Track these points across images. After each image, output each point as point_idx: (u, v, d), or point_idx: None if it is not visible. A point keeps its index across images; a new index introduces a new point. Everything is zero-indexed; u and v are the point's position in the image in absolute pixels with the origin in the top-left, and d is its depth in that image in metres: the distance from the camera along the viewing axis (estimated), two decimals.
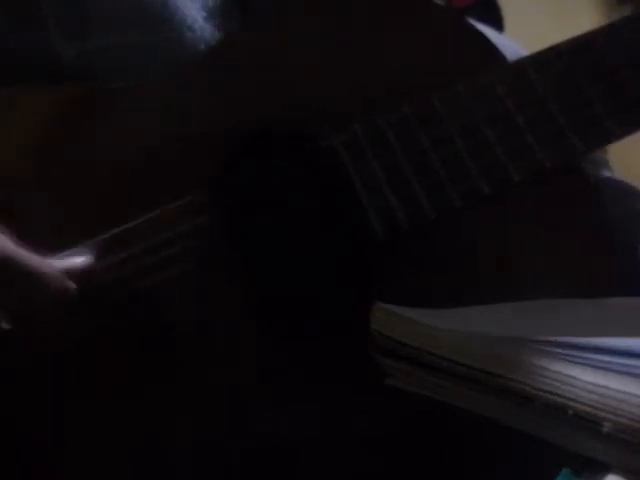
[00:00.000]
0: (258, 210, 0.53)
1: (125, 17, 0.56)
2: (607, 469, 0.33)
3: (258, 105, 0.53)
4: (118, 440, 0.49)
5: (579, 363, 0.34)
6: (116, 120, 0.53)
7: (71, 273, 0.46)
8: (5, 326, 0.44)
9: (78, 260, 0.48)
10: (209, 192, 0.51)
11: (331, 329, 0.49)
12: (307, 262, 0.53)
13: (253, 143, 0.52)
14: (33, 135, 0.43)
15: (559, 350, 0.35)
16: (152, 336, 0.50)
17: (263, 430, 0.49)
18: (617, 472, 0.32)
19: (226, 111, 0.53)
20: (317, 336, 0.50)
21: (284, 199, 0.53)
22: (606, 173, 0.63)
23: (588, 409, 0.32)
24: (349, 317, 0.49)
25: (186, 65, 0.55)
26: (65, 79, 0.54)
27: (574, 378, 0.33)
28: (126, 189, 0.52)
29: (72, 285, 0.46)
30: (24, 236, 0.45)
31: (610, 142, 0.53)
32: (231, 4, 0.61)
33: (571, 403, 0.33)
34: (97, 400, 0.49)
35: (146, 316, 0.50)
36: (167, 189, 0.51)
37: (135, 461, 0.49)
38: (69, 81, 0.53)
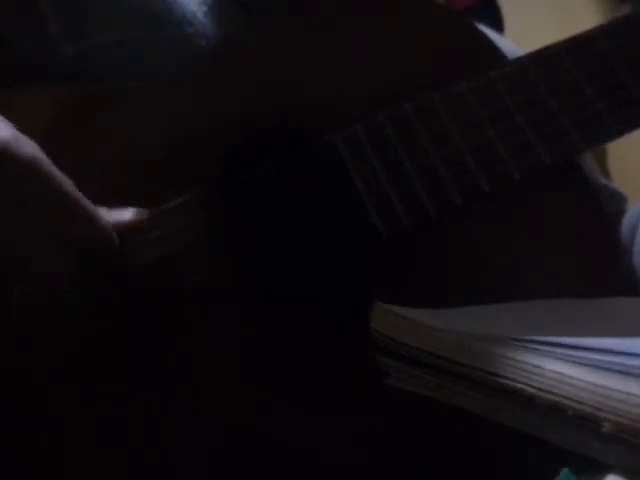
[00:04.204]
0: (258, 209, 0.53)
1: (125, 14, 0.56)
2: (607, 469, 0.33)
3: (259, 104, 0.53)
4: (117, 440, 0.49)
5: (579, 363, 0.34)
6: (116, 120, 0.53)
7: (119, 228, 0.45)
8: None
9: (127, 217, 0.46)
10: (209, 192, 0.51)
11: (331, 329, 0.49)
12: (308, 261, 0.53)
13: (254, 142, 0.52)
14: (33, 136, 0.43)
15: (559, 350, 0.35)
16: (150, 336, 0.50)
17: (262, 431, 0.49)
18: (617, 472, 0.32)
19: (226, 110, 0.53)
20: (317, 336, 0.50)
21: (285, 197, 0.53)
22: (595, 177, 0.64)
23: (588, 409, 0.32)
24: (349, 317, 0.49)
25: (187, 65, 0.55)
26: (65, 78, 0.54)
27: (574, 378, 0.33)
28: (126, 189, 0.52)
29: (116, 239, 0.44)
30: None
31: (609, 140, 0.53)
32: None
33: (571, 403, 0.33)
34: (94, 399, 0.49)
35: (144, 315, 0.50)
36: (167, 189, 0.51)
37: (134, 461, 0.49)
38: (70, 80, 0.53)
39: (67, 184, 0.42)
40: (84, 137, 0.53)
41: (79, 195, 0.43)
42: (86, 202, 0.43)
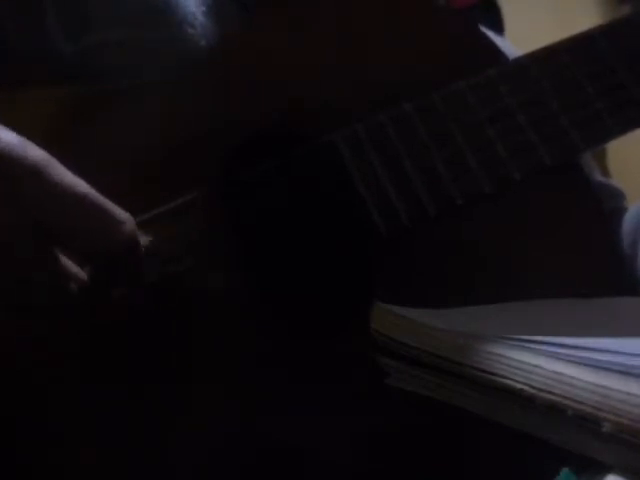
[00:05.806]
0: (258, 209, 0.53)
1: (125, 13, 0.56)
2: (607, 469, 0.33)
3: (259, 104, 0.53)
4: (117, 440, 0.49)
5: (579, 363, 0.34)
6: (116, 120, 0.53)
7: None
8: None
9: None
10: (210, 192, 0.51)
11: (331, 329, 0.49)
12: (308, 260, 0.53)
13: (254, 142, 0.52)
14: (33, 135, 0.43)
15: (559, 350, 0.35)
16: (151, 336, 0.50)
17: (262, 430, 0.49)
18: (617, 472, 0.32)
19: (226, 111, 0.53)
20: (317, 336, 0.50)
21: (285, 197, 0.53)
22: (594, 176, 0.64)
23: (588, 409, 0.32)
24: (349, 317, 0.49)
25: (187, 64, 0.55)
26: (65, 77, 0.54)
27: (574, 378, 0.33)
28: (126, 190, 0.52)
29: (146, 237, 0.45)
30: None
31: (610, 140, 0.53)
32: None
33: (571, 403, 0.33)
34: (94, 399, 0.49)
35: (144, 315, 0.50)
36: (167, 189, 0.51)
37: (134, 461, 0.49)
38: (70, 80, 0.53)
39: (81, 185, 0.42)
40: (84, 137, 0.53)
41: (96, 195, 0.42)
42: (104, 201, 0.43)
